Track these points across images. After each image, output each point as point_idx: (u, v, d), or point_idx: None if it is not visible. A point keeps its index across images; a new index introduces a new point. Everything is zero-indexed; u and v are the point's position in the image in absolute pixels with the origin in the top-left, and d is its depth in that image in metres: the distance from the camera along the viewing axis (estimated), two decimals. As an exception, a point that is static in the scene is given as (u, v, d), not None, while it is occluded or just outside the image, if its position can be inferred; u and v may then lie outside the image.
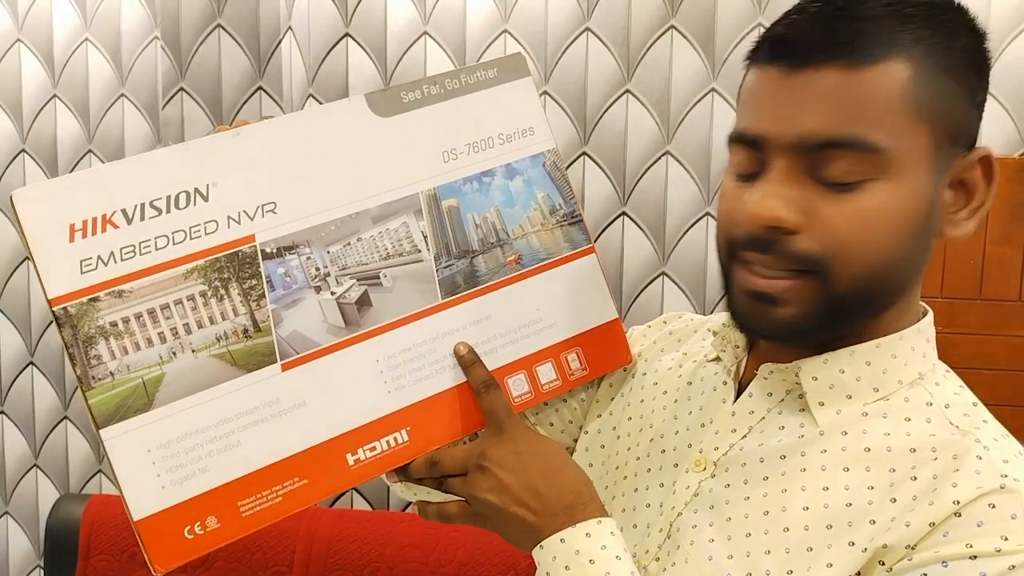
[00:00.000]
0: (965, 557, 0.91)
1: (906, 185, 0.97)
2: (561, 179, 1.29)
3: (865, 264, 0.98)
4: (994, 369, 2.34)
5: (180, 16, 2.66)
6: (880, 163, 0.96)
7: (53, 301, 1.06)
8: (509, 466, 1.11)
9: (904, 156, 0.96)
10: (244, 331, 1.13)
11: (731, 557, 1.03)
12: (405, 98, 1.22)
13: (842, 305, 1.00)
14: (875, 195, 0.97)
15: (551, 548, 1.07)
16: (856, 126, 0.95)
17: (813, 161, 0.97)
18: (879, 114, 0.96)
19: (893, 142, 0.96)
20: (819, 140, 0.96)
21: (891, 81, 0.95)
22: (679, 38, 2.47)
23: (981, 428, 1.01)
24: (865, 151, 0.96)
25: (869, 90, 0.95)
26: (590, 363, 1.29)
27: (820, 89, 0.96)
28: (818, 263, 0.99)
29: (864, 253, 0.98)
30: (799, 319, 1.01)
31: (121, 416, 1.07)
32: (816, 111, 0.96)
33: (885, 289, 1.02)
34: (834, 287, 0.99)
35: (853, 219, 0.97)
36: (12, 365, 2.95)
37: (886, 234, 0.98)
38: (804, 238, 0.99)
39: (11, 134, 2.86)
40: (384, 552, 2.53)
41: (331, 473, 1.15)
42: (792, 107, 0.98)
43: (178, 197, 1.11)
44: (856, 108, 0.96)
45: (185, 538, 1.09)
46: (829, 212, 0.97)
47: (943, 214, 1.02)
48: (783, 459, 1.05)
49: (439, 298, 1.22)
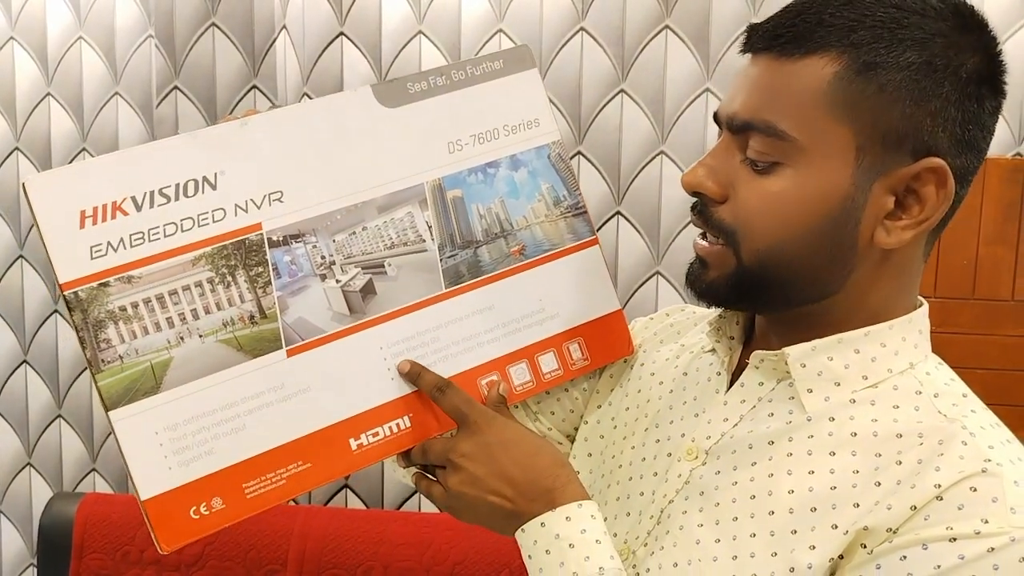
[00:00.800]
0: (945, 539, 0.92)
1: (816, 177, 1.01)
2: (565, 170, 1.31)
3: (765, 241, 1.04)
4: (987, 368, 2.35)
5: (174, 14, 2.66)
6: (788, 151, 1.01)
7: (64, 286, 1.07)
8: (479, 458, 1.13)
9: (816, 149, 1.00)
10: (250, 317, 1.14)
11: (718, 541, 1.05)
12: (411, 89, 1.23)
13: (750, 277, 1.06)
14: (782, 179, 1.02)
15: (532, 532, 1.09)
16: (769, 113, 1.01)
17: (742, 140, 1.05)
18: (792, 105, 1.00)
19: (803, 134, 1.00)
20: (738, 121, 1.04)
21: (811, 76, 1.00)
22: (673, 38, 2.48)
23: (969, 416, 1.02)
24: (775, 137, 1.01)
25: (788, 82, 1.01)
26: (592, 353, 1.30)
27: (756, 76, 1.04)
28: (730, 233, 1.06)
29: (764, 231, 1.04)
30: (718, 283, 1.08)
31: (130, 399, 1.09)
32: (742, 95, 1.05)
33: (792, 272, 1.05)
34: (742, 258, 1.06)
35: (759, 198, 1.03)
36: (6, 364, 2.94)
37: (787, 218, 1.02)
38: (724, 208, 1.06)
39: (5, 132, 2.86)
40: (378, 550, 2.52)
41: (334, 457, 1.17)
42: (736, 90, 1.06)
43: (187, 185, 1.12)
44: (773, 96, 1.02)
45: (191, 518, 1.10)
46: (744, 188, 1.04)
47: (873, 217, 1.02)
48: (771, 444, 1.07)
49: (443, 287, 1.23)
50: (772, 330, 1.14)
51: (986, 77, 1.01)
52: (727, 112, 1.06)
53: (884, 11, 0.99)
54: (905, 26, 0.98)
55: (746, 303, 1.13)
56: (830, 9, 1.00)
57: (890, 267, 1.06)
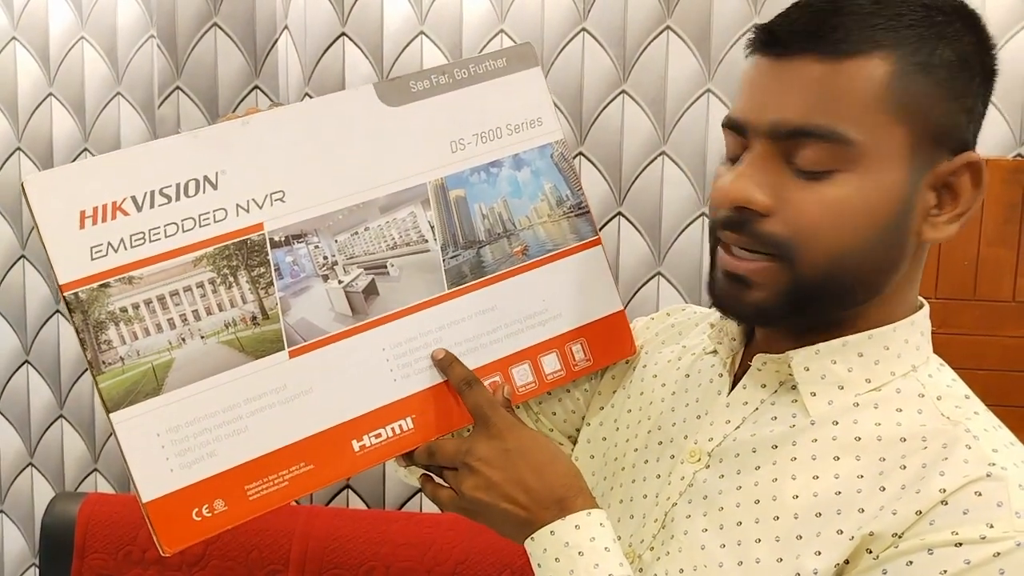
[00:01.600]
0: (950, 544, 0.92)
1: (876, 180, 0.98)
2: (568, 170, 1.30)
3: (829, 252, 1.00)
4: (988, 369, 2.35)
5: (176, 14, 2.66)
6: (849, 155, 0.98)
7: (64, 287, 1.07)
8: (497, 463, 1.12)
9: (876, 151, 0.98)
10: (252, 318, 1.14)
11: (723, 546, 1.04)
12: (414, 87, 1.22)
13: (809, 291, 1.02)
14: (843, 186, 0.98)
15: (542, 540, 1.09)
16: (827, 117, 0.97)
17: (786, 148, 1.00)
18: (852, 107, 0.97)
19: (864, 136, 0.97)
20: (790, 128, 0.99)
21: (868, 76, 0.97)
22: (675, 39, 2.48)
23: (972, 419, 1.01)
24: (834, 142, 0.97)
25: (844, 83, 0.97)
26: (594, 354, 1.30)
27: (797, 78, 0.99)
28: (785, 247, 1.01)
29: (828, 241, 1.00)
30: (768, 301, 1.03)
31: (131, 400, 1.08)
32: (790, 99, 0.99)
33: (854, 279, 1.03)
34: (800, 272, 1.01)
35: (819, 207, 0.99)
36: (8, 363, 2.95)
37: (851, 225, 0.99)
38: (773, 221, 1.01)
39: (6, 132, 2.86)
40: (380, 551, 2.52)
41: (337, 459, 1.16)
42: (770, 94, 1.00)
43: (188, 185, 1.11)
44: (829, 99, 0.97)
45: (193, 520, 1.10)
46: (797, 198, 0.99)
47: (922, 215, 1.02)
48: (775, 448, 1.06)
49: (445, 288, 1.22)
50: (774, 333, 1.13)
51: (994, 75, 1.03)
52: (766, 119, 1.01)
53: (914, 9, 0.98)
54: (937, 24, 0.98)
55: (801, 317, 1.07)
56: (867, 8, 0.98)
57: (917, 264, 1.06)
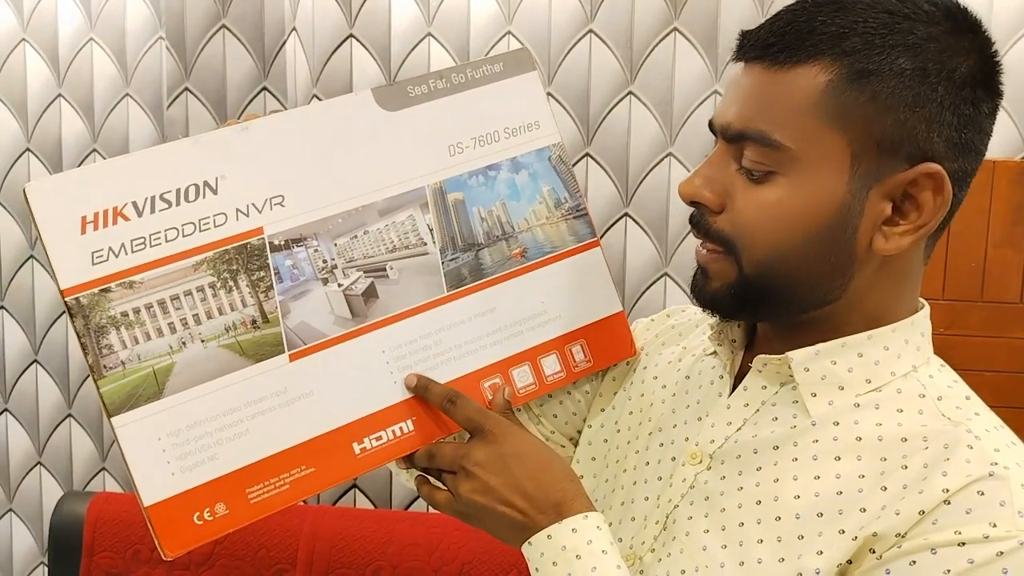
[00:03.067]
0: (954, 544, 0.92)
1: (812, 185, 1.01)
2: (566, 173, 1.30)
3: (766, 250, 1.04)
4: (995, 371, 2.34)
5: (185, 16, 2.67)
6: (783, 160, 1.01)
7: (65, 292, 1.07)
8: (494, 467, 1.13)
9: (810, 158, 1.00)
10: (253, 322, 1.14)
11: (725, 547, 1.05)
12: (411, 92, 1.23)
13: (752, 286, 1.06)
14: (779, 189, 1.02)
15: (539, 544, 1.09)
16: (762, 123, 1.01)
17: (736, 150, 1.05)
18: (786, 115, 1.00)
19: (797, 143, 1.00)
20: (733, 131, 1.04)
21: (805, 85, 0.99)
22: (682, 40, 2.48)
23: (973, 419, 1.02)
24: (768, 147, 1.01)
25: (781, 91, 1.01)
26: (594, 355, 1.30)
27: (745, 85, 1.04)
28: (729, 243, 1.06)
29: (764, 240, 1.04)
30: (722, 293, 1.08)
31: (132, 404, 1.09)
32: (736, 105, 1.04)
33: (795, 280, 1.05)
34: (743, 269, 1.05)
35: (757, 207, 1.03)
36: (16, 363, 2.95)
37: (787, 227, 1.02)
38: (721, 218, 1.06)
39: (16, 133, 2.87)
40: (387, 551, 2.53)
41: (338, 461, 1.17)
42: (728, 99, 1.06)
43: (188, 190, 1.12)
44: (766, 106, 1.01)
45: (194, 524, 1.10)
46: (742, 198, 1.04)
47: (871, 224, 1.02)
48: (776, 449, 1.07)
49: (445, 290, 1.23)
50: (774, 334, 1.13)
51: (981, 79, 1.01)
52: (721, 122, 1.06)
53: (875, 17, 0.98)
54: (897, 32, 0.98)
55: (749, 313, 1.13)
56: (821, 16, 1.00)
57: (890, 272, 1.06)
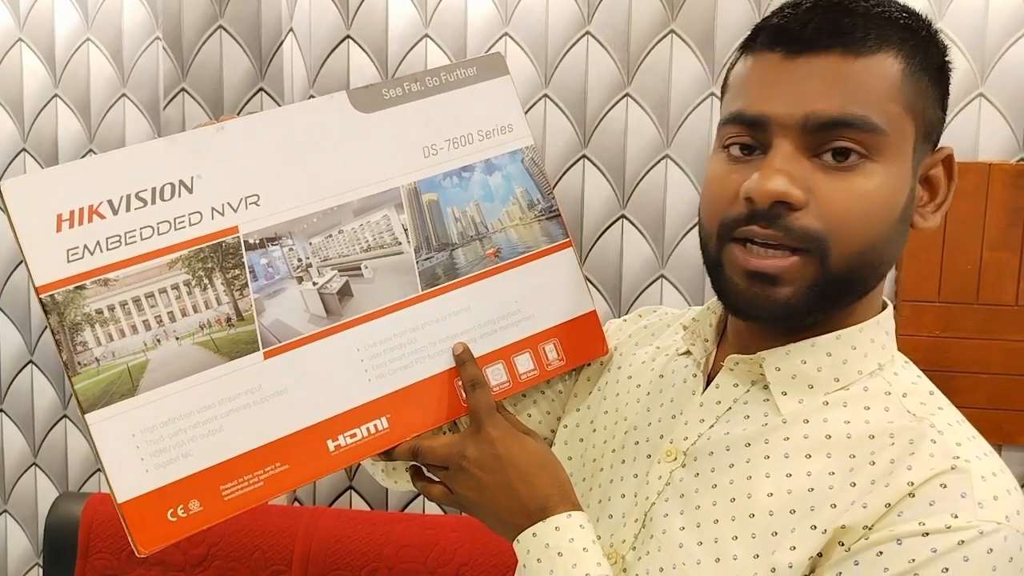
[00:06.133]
0: (918, 534, 0.95)
1: (895, 171, 1.02)
2: (539, 175, 1.32)
3: (859, 243, 1.02)
4: (991, 373, 2.33)
5: (182, 16, 2.67)
6: (879, 146, 1.01)
7: (40, 289, 1.08)
8: (488, 467, 1.16)
9: (896, 143, 1.02)
10: (227, 320, 1.15)
11: (701, 544, 1.07)
12: (386, 95, 1.24)
13: (836, 284, 1.03)
14: (870, 177, 1.01)
15: (525, 542, 1.13)
16: (861, 107, 1.00)
17: (817, 141, 1.01)
18: (879, 99, 1.00)
19: (889, 127, 1.01)
20: (826, 119, 1.00)
21: (886, 72, 1.01)
22: (679, 42, 2.48)
23: (936, 415, 1.05)
24: (869, 132, 1.00)
25: (868, 77, 1.00)
26: (567, 354, 1.31)
27: (824, 73, 1.01)
28: (818, 239, 1.01)
29: (859, 231, 1.01)
30: (797, 298, 1.04)
31: (106, 401, 1.10)
32: (822, 92, 1.01)
33: (872, 271, 1.06)
34: (830, 265, 1.02)
35: (850, 197, 1.01)
36: (12, 363, 2.96)
37: (877, 215, 1.02)
38: (806, 214, 1.01)
39: (12, 133, 2.88)
40: (383, 552, 2.53)
41: (312, 458, 1.17)
42: (797, 89, 1.02)
43: (163, 189, 1.13)
44: (860, 91, 1.00)
45: (168, 521, 1.11)
46: (828, 190, 1.01)
47: (916, 206, 1.07)
48: (748, 447, 1.08)
49: (419, 289, 1.24)
50: (748, 333, 1.15)
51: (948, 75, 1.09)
52: (798, 112, 1.01)
53: (905, 15, 1.04)
54: (920, 28, 1.04)
55: (822, 313, 1.07)
56: (874, 10, 1.03)
57: None
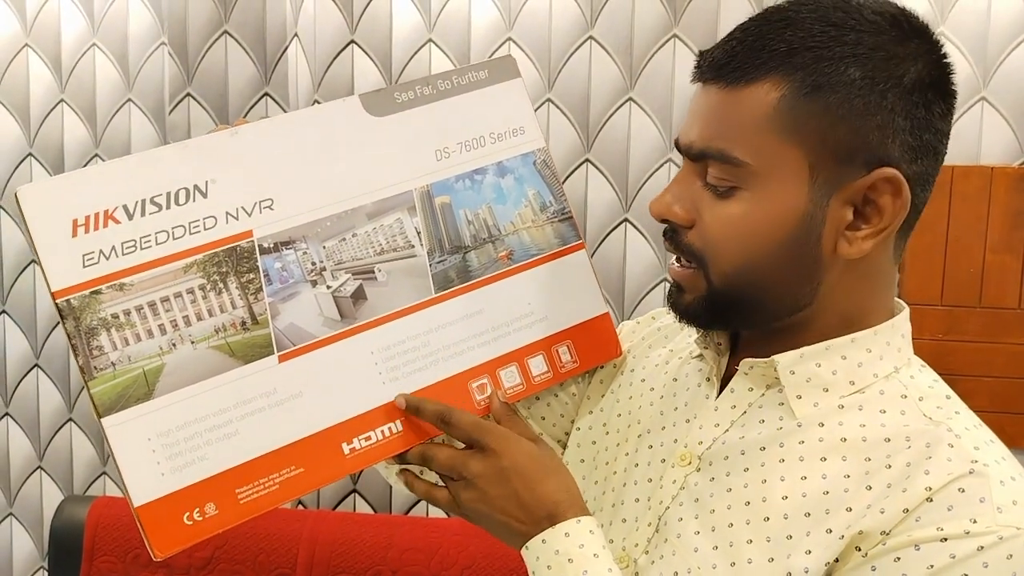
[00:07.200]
0: (936, 540, 0.95)
1: (774, 198, 1.04)
2: (551, 177, 1.32)
3: (734, 263, 1.07)
4: (994, 377, 2.33)
5: (187, 22, 2.68)
6: (744, 176, 1.04)
7: (56, 294, 1.08)
8: (492, 479, 1.15)
9: (769, 172, 1.03)
10: (242, 323, 1.15)
11: (716, 548, 1.06)
12: (398, 98, 1.25)
13: (723, 298, 1.09)
14: (740, 203, 1.05)
15: (535, 549, 1.12)
16: (721, 141, 1.04)
17: (700, 167, 1.08)
18: (742, 132, 1.03)
19: (755, 159, 1.03)
20: (695, 150, 1.07)
21: (758, 103, 1.02)
22: (681, 46, 2.49)
23: (953, 418, 1.04)
24: (728, 164, 1.04)
25: (736, 109, 1.04)
26: (580, 356, 1.31)
27: (703, 105, 1.08)
28: (699, 257, 1.09)
29: (733, 253, 1.07)
30: (693, 305, 1.12)
31: (122, 405, 1.10)
32: (696, 124, 1.08)
33: (764, 289, 1.08)
34: (711, 280, 1.09)
35: (721, 222, 1.07)
36: (17, 367, 2.96)
37: (750, 239, 1.05)
38: (691, 233, 1.09)
39: (19, 138, 2.88)
40: (387, 555, 2.53)
41: (327, 462, 1.18)
42: (688, 119, 1.10)
43: (178, 194, 1.13)
44: (723, 125, 1.05)
45: (184, 524, 1.11)
46: (709, 214, 1.07)
47: (834, 230, 1.05)
48: (763, 451, 1.08)
49: (432, 292, 1.24)
50: (758, 338, 1.15)
51: (931, 83, 1.03)
52: (684, 141, 1.09)
53: (822, 31, 1.01)
54: (843, 44, 1.01)
55: (722, 323, 1.16)
56: (770, 34, 1.03)
57: (858, 274, 1.08)
